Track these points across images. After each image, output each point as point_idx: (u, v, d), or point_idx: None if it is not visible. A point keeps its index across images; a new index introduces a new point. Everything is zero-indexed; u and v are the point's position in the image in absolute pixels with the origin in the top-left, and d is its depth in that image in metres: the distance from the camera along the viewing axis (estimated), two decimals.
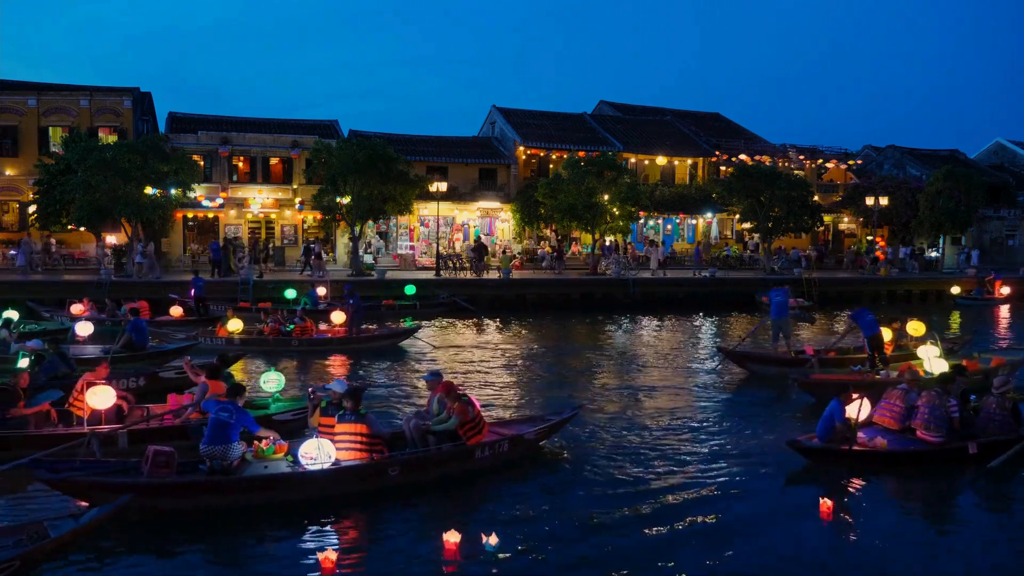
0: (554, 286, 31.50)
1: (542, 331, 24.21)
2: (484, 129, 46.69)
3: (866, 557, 7.51)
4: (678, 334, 24.08)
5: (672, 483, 9.48)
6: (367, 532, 8.10)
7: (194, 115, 40.16)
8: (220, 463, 8.24)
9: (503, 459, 9.68)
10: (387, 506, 8.53)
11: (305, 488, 8.43)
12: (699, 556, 7.46)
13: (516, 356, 19.21)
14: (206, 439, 8.35)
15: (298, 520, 8.05)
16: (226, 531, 7.84)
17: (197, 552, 7.42)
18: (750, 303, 30.99)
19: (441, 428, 9.31)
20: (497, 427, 10.34)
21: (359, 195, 31.08)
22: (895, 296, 35.05)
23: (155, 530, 7.76)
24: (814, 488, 9.34)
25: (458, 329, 24.45)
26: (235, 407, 8.62)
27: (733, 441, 11.38)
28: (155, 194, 29.79)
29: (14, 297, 23.74)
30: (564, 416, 10.86)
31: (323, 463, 8.41)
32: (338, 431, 8.75)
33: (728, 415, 13.05)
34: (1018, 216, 47.65)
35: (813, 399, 13.22)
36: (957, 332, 23.26)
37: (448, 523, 7.75)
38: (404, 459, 8.95)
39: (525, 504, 8.71)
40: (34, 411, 9.92)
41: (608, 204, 33.86)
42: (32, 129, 35.69)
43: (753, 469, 10.03)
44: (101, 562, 7.11)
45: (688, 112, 52.40)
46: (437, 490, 8.98)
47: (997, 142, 55.78)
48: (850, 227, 47.68)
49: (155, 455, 8.02)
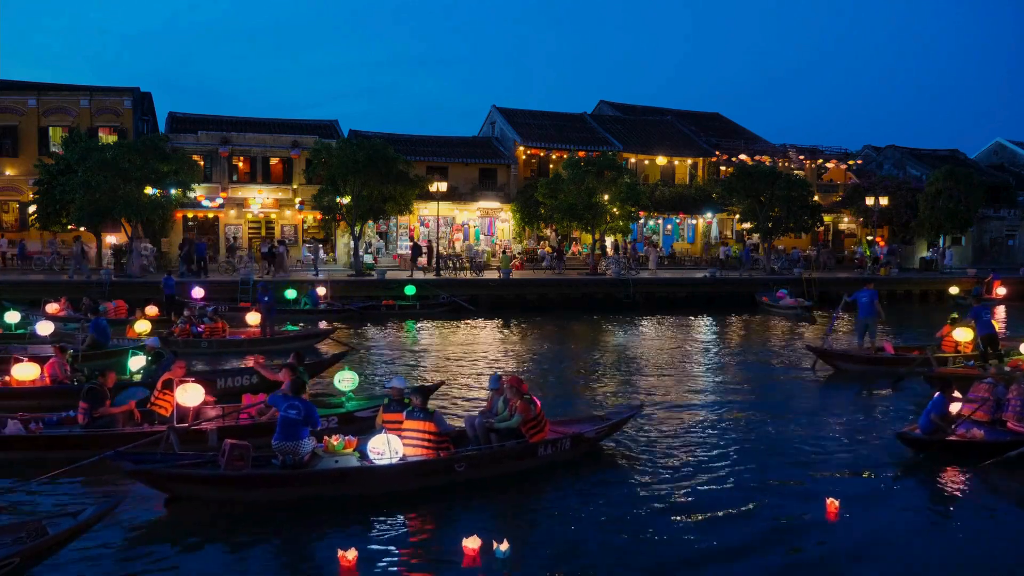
0: (554, 286, 31.50)
1: (569, 330, 24.21)
2: (484, 129, 46.69)
3: (975, 544, 7.86)
4: (696, 333, 24.06)
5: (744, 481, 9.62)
6: (432, 527, 8.25)
7: (194, 115, 40.16)
8: (292, 458, 8.51)
9: (565, 457, 9.87)
10: (452, 501, 8.73)
11: (373, 482, 8.69)
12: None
13: (551, 356, 19.28)
14: (277, 435, 8.60)
15: (364, 513, 8.24)
16: (289, 523, 8.03)
17: (264, 542, 7.68)
18: (751, 303, 31.00)
19: (504, 426, 9.53)
20: (558, 425, 10.51)
21: (359, 195, 31.09)
22: (895, 296, 35.04)
23: (232, 520, 8.04)
24: (919, 478, 9.84)
25: (486, 329, 24.44)
26: (301, 403, 8.80)
27: (830, 436, 11.65)
28: (155, 194, 29.80)
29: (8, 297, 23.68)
30: (624, 415, 10.99)
31: (391, 458, 8.66)
32: (406, 428, 8.96)
33: (815, 411, 13.37)
34: (1018, 216, 47.66)
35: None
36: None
37: (508, 520, 8.06)
38: (469, 455, 9.17)
39: (591, 502, 8.77)
40: (120, 410, 10.14)
41: (608, 204, 33.87)
42: (32, 129, 35.70)
43: (856, 462, 10.37)
44: (178, 549, 7.40)
45: (688, 112, 52.42)
46: (499, 486, 9.16)
47: (997, 142, 55.78)
48: (850, 227, 47.69)
49: (232, 449, 8.30)
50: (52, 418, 10.15)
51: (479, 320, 26.42)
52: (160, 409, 10.14)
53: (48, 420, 10.07)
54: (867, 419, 12.87)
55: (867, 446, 11.10)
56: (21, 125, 35.67)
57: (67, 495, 8.71)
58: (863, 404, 14.19)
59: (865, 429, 12.10)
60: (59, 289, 25.25)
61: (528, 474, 9.47)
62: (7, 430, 9.66)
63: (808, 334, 23.81)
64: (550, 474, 9.57)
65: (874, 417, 13.07)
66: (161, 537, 7.71)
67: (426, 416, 8.90)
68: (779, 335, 23.65)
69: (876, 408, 13.86)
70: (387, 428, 9.15)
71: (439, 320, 26.12)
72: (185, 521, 8.04)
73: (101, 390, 10.06)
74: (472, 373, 16.56)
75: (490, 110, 45.52)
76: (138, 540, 7.62)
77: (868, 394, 14.91)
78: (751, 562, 7.33)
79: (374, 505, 8.41)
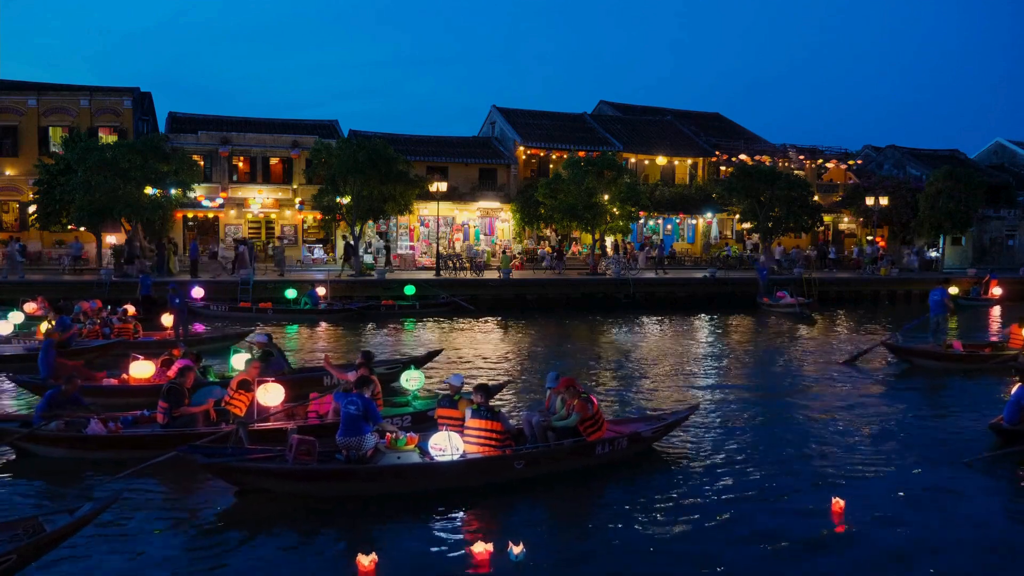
0: (554, 286, 31.49)
1: (570, 329, 24.20)
2: (484, 129, 46.68)
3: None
4: (703, 332, 24.05)
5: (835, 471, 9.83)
6: (497, 521, 8.41)
7: (194, 115, 40.15)
8: (355, 453, 8.74)
9: (622, 456, 9.97)
10: (512, 498, 8.91)
11: (434, 478, 8.87)
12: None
13: (612, 356, 19.30)
14: (341, 431, 8.85)
15: (429, 508, 8.44)
16: (350, 516, 8.31)
17: (324, 534, 7.94)
18: (751, 303, 30.99)
19: (562, 424, 9.62)
20: (615, 425, 10.61)
21: (359, 195, 31.09)
22: (895, 296, 35.07)
23: (298, 511, 8.35)
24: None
25: (487, 330, 24.43)
26: (362, 399, 8.97)
27: (906, 431, 11.93)
28: (155, 194, 29.79)
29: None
30: (681, 415, 11.08)
31: (452, 455, 8.82)
32: (469, 425, 9.13)
33: (889, 409, 13.57)
34: (1018, 216, 47.63)
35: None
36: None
37: (569, 516, 8.28)
38: (528, 453, 9.28)
39: (651, 500, 8.85)
40: (199, 409, 10.26)
41: (608, 204, 33.86)
42: (32, 129, 35.70)
43: (930, 453, 10.74)
44: (245, 538, 7.76)
45: (688, 112, 52.41)
46: (558, 484, 9.25)
47: (997, 142, 55.73)
48: (850, 227, 47.67)
49: (299, 444, 8.61)
50: (128, 417, 10.36)
51: (480, 321, 26.40)
52: (234, 408, 10.29)
53: (124, 419, 10.26)
54: (933, 413, 13.36)
55: (941, 442, 11.37)
56: (21, 125, 35.67)
57: (141, 490, 8.91)
58: (930, 399, 14.72)
59: (932, 424, 12.45)
60: (60, 289, 25.26)
61: (585, 473, 9.58)
62: (89, 429, 9.82)
63: (807, 333, 23.82)
64: (604, 473, 9.66)
65: (940, 412, 13.48)
66: (230, 526, 8.08)
67: (491, 415, 9.10)
68: (792, 334, 23.62)
69: (945, 403, 14.30)
70: (440, 423, 9.42)
71: (439, 320, 26.13)
72: (253, 512, 8.38)
73: (180, 390, 10.24)
74: (498, 371, 16.54)
75: (490, 110, 45.51)
76: (210, 530, 8.00)
77: (937, 389, 15.53)
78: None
79: (434, 500, 8.60)
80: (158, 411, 10.12)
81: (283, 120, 41.66)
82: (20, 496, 8.80)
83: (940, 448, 11.05)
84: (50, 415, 9.83)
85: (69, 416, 9.94)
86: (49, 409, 9.89)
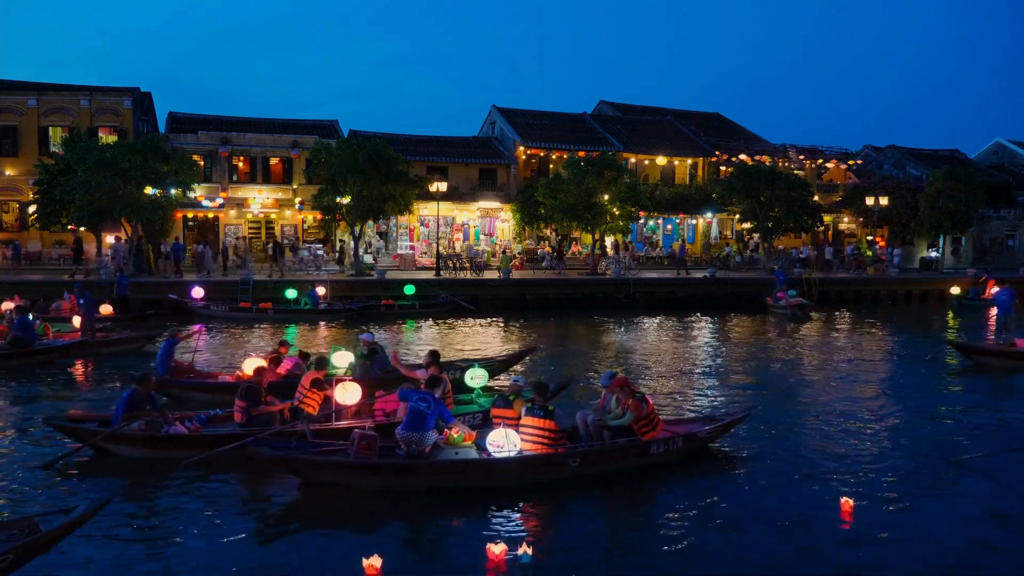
0: (554, 286, 31.49)
1: (571, 328, 24.19)
2: (484, 129, 46.69)
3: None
4: (709, 333, 24.05)
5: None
6: (552, 517, 8.57)
7: (194, 115, 40.17)
8: (415, 448, 8.87)
9: (676, 456, 10.00)
10: (565, 495, 8.97)
11: (491, 474, 9.01)
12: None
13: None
14: (404, 426, 8.97)
15: (485, 504, 8.54)
16: (416, 509, 8.48)
17: (387, 524, 8.18)
18: (752, 303, 30.97)
19: (617, 424, 9.69)
20: (670, 425, 10.63)
21: (359, 195, 31.09)
22: (895, 296, 35.07)
23: (358, 504, 8.60)
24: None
25: (489, 329, 24.41)
26: (432, 397, 9.11)
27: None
28: (155, 194, 29.80)
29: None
30: (737, 416, 11.08)
31: (509, 452, 8.95)
32: (525, 423, 9.24)
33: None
34: (1018, 216, 47.65)
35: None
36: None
37: (623, 515, 8.40)
38: (583, 452, 9.36)
39: (707, 502, 8.83)
40: (276, 408, 10.37)
41: (608, 204, 33.87)
42: (32, 129, 35.71)
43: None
44: (306, 527, 8.00)
45: (688, 112, 52.42)
46: (611, 483, 9.31)
47: (997, 142, 55.75)
48: (850, 227, 47.68)
49: (360, 438, 8.84)
50: (202, 416, 10.48)
51: (480, 321, 26.40)
52: (307, 407, 10.35)
53: (198, 418, 10.35)
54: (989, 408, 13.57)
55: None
56: (21, 125, 35.68)
57: (211, 481, 9.18)
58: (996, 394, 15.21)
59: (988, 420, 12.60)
60: (59, 288, 25.23)
61: (638, 472, 9.62)
62: (172, 429, 9.95)
63: (806, 332, 23.83)
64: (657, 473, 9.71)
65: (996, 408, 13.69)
66: (294, 517, 8.37)
67: (546, 414, 9.18)
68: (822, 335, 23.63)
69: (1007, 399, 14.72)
70: (495, 423, 9.52)
71: (439, 320, 26.12)
72: (314, 505, 8.62)
73: (258, 389, 10.37)
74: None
75: (490, 110, 45.52)
76: (273, 520, 8.32)
77: (1005, 387, 15.87)
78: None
79: (491, 496, 8.73)
80: (236, 410, 10.27)
81: (283, 120, 41.68)
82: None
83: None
84: (130, 416, 9.88)
85: (148, 416, 10.04)
86: (129, 409, 9.93)
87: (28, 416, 12.25)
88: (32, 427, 11.55)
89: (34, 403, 13.25)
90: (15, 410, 12.74)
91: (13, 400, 13.42)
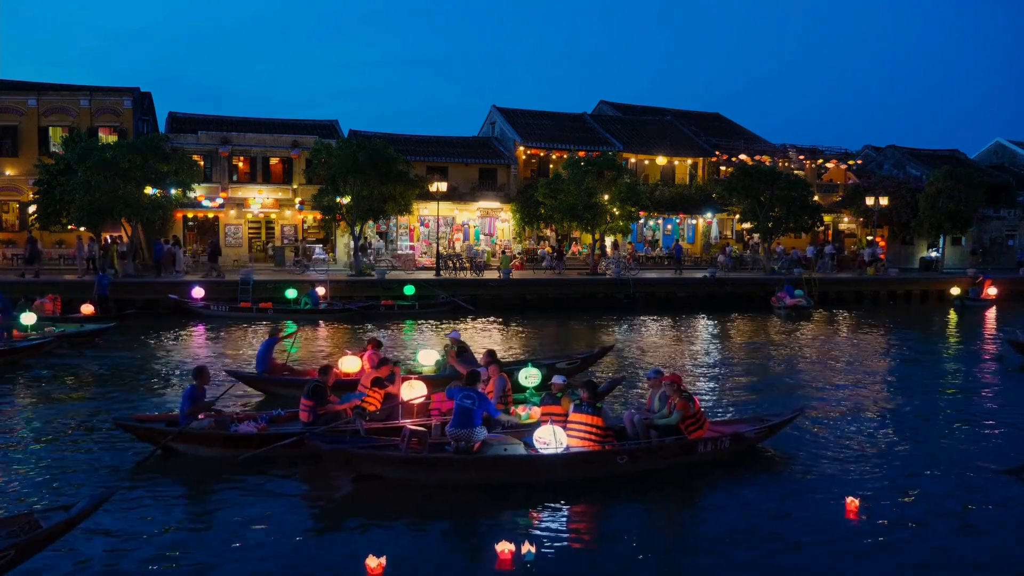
0: (554, 286, 31.48)
1: (571, 328, 24.18)
2: (484, 129, 46.67)
3: None
4: (711, 333, 24.03)
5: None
6: (599, 514, 8.72)
7: (194, 115, 40.14)
8: (464, 444, 9.11)
9: (723, 455, 10.04)
10: (614, 493, 9.07)
11: (539, 470, 9.15)
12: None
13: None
14: (452, 423, 9.22)
15: (531, 501, 8.71)
16: (459, 505, 8.68)
17: (436, 518, 8.43)
18: (751, 303, 30.95)
19: (664, 422, 9.78)
20: (718, 425, 10.72)
21: (359, 195, 31.08)
22: (895, 296, 35.06)
23: (409, 498, 8.85)
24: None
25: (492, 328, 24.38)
26: (477, 394, 9.33)
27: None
28: (155, 194, 29.78)
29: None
30: (785, 417, 11.06)
31: (556, 448, 9.05)
32: (572, 420, 9.34)
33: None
34: (1018, 216, 47.65)
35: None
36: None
37: (672, 515, 8.59)
38: (630, 449, 9.48)
39: (756, 505, 8.85)
40: (343, 407, 10.50)
41: (608, 204, 33.85)
42: (32, 129, 35.69)
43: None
44: (357, 519, 8.32)
45: (688, 112, 52.39)
46: (660, 482, 9.38)
47: (997, 142, 55.74)
48: (850, 227, 47.66)
49: (411, 434, 9.16)
50: (264, 416, 10.61)
51: (479, 321, 26.38)
52: (369, 406, 10.52)
53: (262, 418, 10.49)
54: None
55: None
56: (21, 125, 35.66)
57: (269, 475, 9.40)
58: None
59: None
60: (59, 288, 25.23)
61: (686, 471, 9.66)
62: (241, 428, 10.09)
63: (821, 332, 23.82)
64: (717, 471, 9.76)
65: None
66: (347, 509, 8.72)
67: (594, 411, 9.30)
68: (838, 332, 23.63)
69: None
70: (543, 420, 9.61)
71: (439, 320, 26.10)
72: (366, 497, 8.95)
73: (324, 388, 10.51)
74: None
75: (490, 110, 45.49)
76: (325, 513, 8.65)
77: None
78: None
79: (538, 492, 8.84)
80: (302, 409, 10.38)
81: (283, 120, 41.65)
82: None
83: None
84: (192, 412, 9.97)
85: (213, 413, 10.18)
86: (193, 406, 10.00)
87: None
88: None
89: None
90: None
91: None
